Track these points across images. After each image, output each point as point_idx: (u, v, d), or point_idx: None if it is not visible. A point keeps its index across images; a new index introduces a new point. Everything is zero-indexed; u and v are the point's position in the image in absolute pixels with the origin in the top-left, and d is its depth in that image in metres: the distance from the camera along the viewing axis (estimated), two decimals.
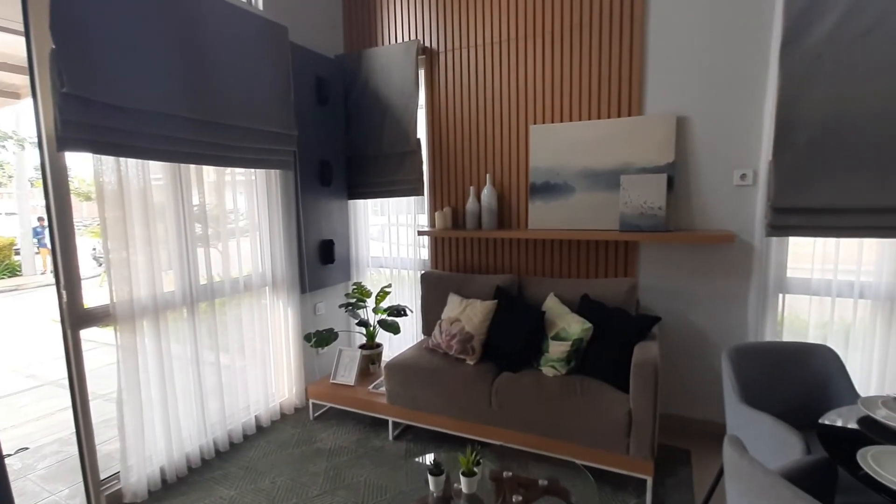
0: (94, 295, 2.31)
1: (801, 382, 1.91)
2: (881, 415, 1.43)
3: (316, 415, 3.03)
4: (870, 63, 2.07)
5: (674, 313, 2.66)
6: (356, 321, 3.16)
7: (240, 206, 2.80)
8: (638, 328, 2.34)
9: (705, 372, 2.63)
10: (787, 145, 2.22)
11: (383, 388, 2.78)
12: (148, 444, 2.26)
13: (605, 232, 2.62)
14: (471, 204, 3.01)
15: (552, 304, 2.60)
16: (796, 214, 2.23)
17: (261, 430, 2.86)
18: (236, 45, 2.49)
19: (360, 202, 3.50)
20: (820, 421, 1.53)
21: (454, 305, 2.78)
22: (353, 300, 3.17)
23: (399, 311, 3.12)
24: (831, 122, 2.15)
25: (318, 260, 3.21)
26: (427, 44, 3.15)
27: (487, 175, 2.99)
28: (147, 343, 2.24)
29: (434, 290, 3.02)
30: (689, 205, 2.57)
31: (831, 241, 2.30)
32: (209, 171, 2.57)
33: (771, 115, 2.27)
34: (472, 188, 3.03)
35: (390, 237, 3.48)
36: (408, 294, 3.44)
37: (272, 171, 2.86)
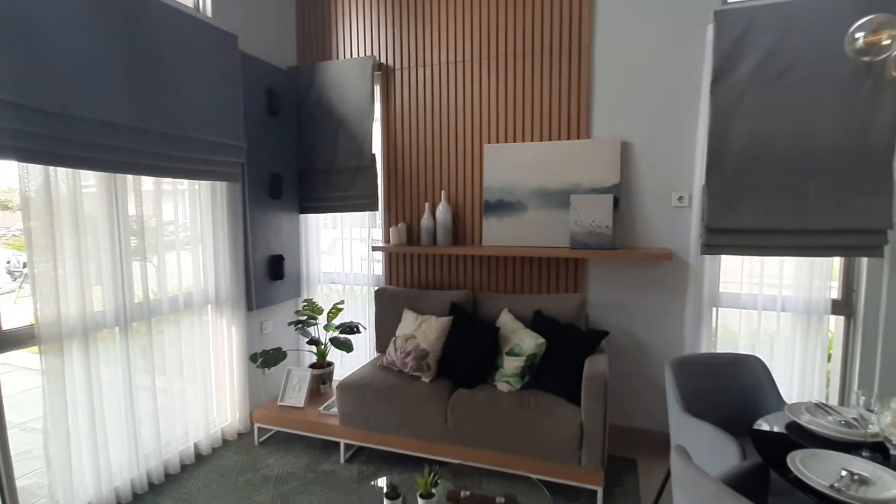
0: (9, 313, 2.08)
1: (734, 391, 2.06)
2: (805, 420, 1.56)
3: (261, 440, 2.87)
4: (782, 103, 2.31)
5: (620, 327, 2.79)
6: (306, 339, 3.05)
7: (181, 218, 2.64)
8: (588, 343, 2.43)
9: (648, 383, 2.76)
10: (717, 171, 2.42)
11: (335, 409, 2.68)
12: (75, 477, 2.04)
13: (556, 249, 2.71)
14: (426, 220, 3.02)
15: (506, 320, 2.65)
16: (726, 235, 2.43)
17: (200, 459, 2.66)
18: (182, 52, 2.37)
19: (312, 216, 3.41)
20: (753, 427, 1.64)
21: (409, 322, 2.76)
22: (304, 318, 3.06)
23: (352, 328, 3.04)
24: (753, 153, 2.37)
25: (267, 276, 3.08)
26: (383, 60, 3.16)
27: (442, 192, 3.02)
28: (75, 366, 2.04)
29: (388, 307, 2.98)
30: (633, 224, 2.72)
31: (757, 259, 2.52)
32: (147, 180, 2.41)
33: (703, 144, 2.47)
34: (427, 204, 3.05)
35: (343, 252, 3.41)
36: (361, 310, 3.37)
37: (218, 182, 2.72)
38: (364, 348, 3.32)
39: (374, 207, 3.15)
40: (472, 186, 3.02)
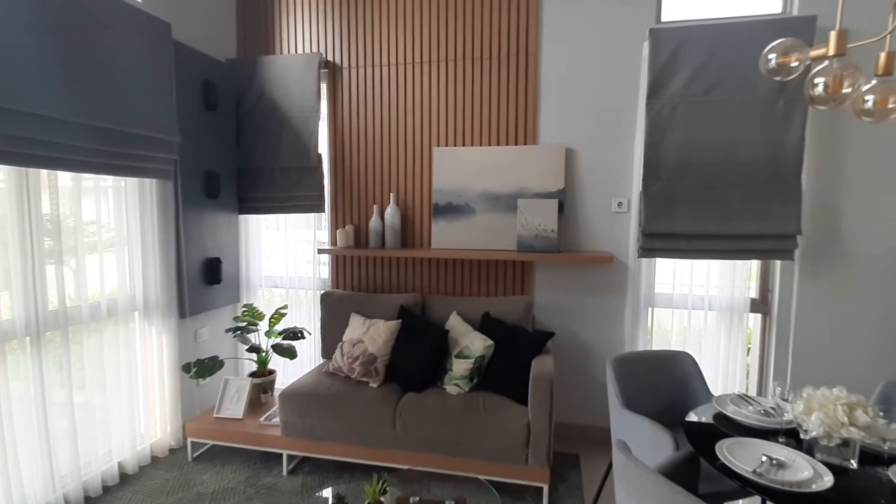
0: None
1: (668, 385, 2.18)
2: (730, 410, 1.68)
3: (196, 455, 2.69)
4: (709, 117, 2.50)
5: (564, 328, 2.88)
6: (246, 347, 2.89)
7: (104, 217, 2.42)
8: (534, 344, 2.48)
9: (590, 380, 2.87)
10: (652, 179, 2.57)
11: (277, 419, 2.57)
12: None
13: (504, 252, 2.76)
14: (374, 222, 2.97)
15: (455, 323, 2.65)
16: (661, 239, 2.58)
17: (125, 479, 2.45)
18: (108, 38, 2.18)
19: (253, 217, 3.25)
20: (685, 419, 1.75)
21: (357, 326, 2.69)
22: (243, 324, 2.90)
23: (296, 333, 2.93)
24: (684, 163, 2.54)
25: (202, 280, 2.89)
26: (330, 58, 3.08)
27: (391, 194, 2.98)
28: None
29: (335, 311, 2.90)
30: (576, 228, 2.83)
31: (687, 261, 2.70)
32: (65, 175, 2.19)
33: (640, 153, 2.61)
34: (375, 206, 3.00)
35: (287, 255, 3.28)
36: (306, 315, 3.25)
37: (148, 179, 2.53)
38: (309, 355, 3.21)
39: (320, 209, 3.06)
40: (421, 189, 3.01)
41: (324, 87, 3.10)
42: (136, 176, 2.40)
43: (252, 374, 2.90)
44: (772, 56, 1.34)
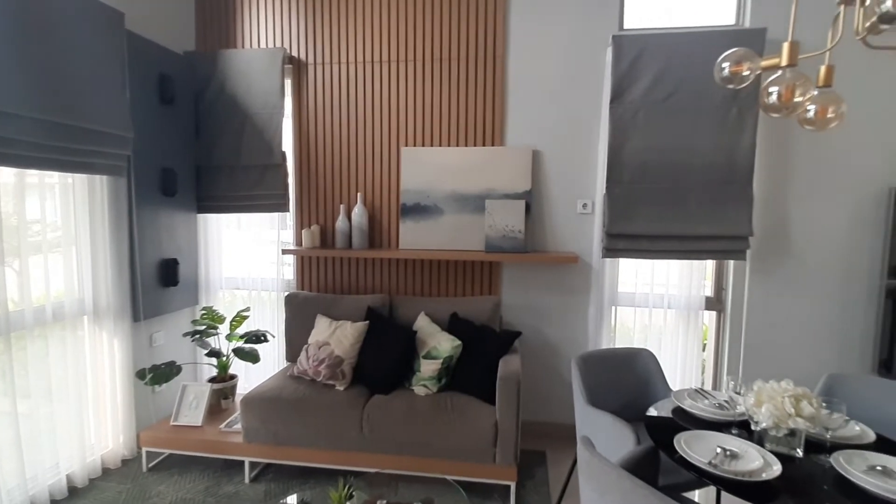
0: None
1: (630, 382, 2.25)
2: (687, 404, 1.75)
3: (151, 465, 2.57)
4: (668, 122, 2.60)
5: (531, 327, 2.92)
6: (205, 351, 2.79)
7: (50, 216, 2.27)
8: (502, 343, 2.50)
9: (556, 378, 2.93)
10: (616, 182, 2.64)
11: (238, 426, 2.48)
12: None
13: (472, 252, 2.77)
14: (341, 222, 2.92)
15: (423, 324, 2.64)
16: (624, 239, 2.65)
17: (75, 492, 2.31)
18: (58, 27, 2.05)
19: (213, 217, 3.13)
20: (646, 414, 1.80)
21: (323, 328, 2.64)
22: (202, 327, 2.80)
23: (258, 337, 2.84)
24: (645, 166, 2.62)
25: (158, 282, 2.76)
26: (294, 53, 3.01)
27: (359, 194, 2.94)
28: None
29: (300, 313, 2.83)
30: (543, 229, 2.87)
31: (648, 261, 2.79)
32: (6, 171, 2.05)
33: (604, 156, 2.68)
34: (342, 206, 2.95)
35: (249, 256, 3.18)
36: (269, 318, 3.16)
37: (98, 176, 2.40)
38: (272, 358, 3.12)
39: (284, 208, 2.98)
40: (388, 189, 2.98)
41: (288, 84, 3.02)
42: (85, 172, 2.27)
43: (212, 380, 2.80)
44: (725, 65, 1.40)
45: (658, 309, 2.81)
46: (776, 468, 1.31)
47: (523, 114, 2.83)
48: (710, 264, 2.83)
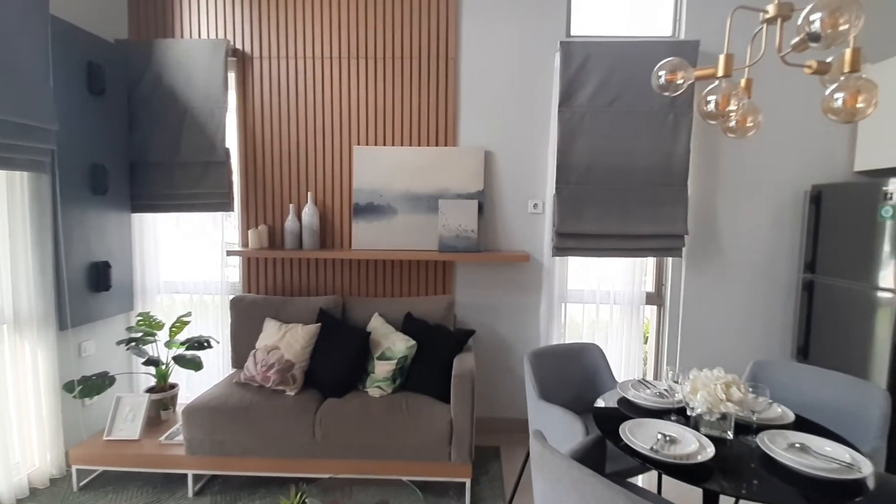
0: None
1: (580, 375, 2.33)
2: (631, 394, 1.84)
3: (83, 483, 2.37)
4: (612, 127, 2.72)
5: (485, 325, 2.97)
6: (142, 360, 2.61)
7: None
8: (456, 342, 2.52)
9: (509, 375, 2.99)
10: (564, 182, 2.74)
11: (180, 437, 2.35)
12: None
13: (425, 252, 2.77)
14: (290, 222, 2.83)
15: (377, 324, 2.62)
16: (572, 238, 2.75)
17: None
18: None
19: (150, 216, 2.94)
20: (594, 405, 1.88)
21: (272, 332, 2.55)
22: (138, 335, 2.62)
23: (201, 343, 2.70)
24: (592, 168, 2.73)
25: (87, 287, 2.56)
26: (239, 46, 2.88)
27: (309, 193, 2.86)
28: None
29: (246, 317, 2.72)
30: (495, 228, 2.92)
31: (595, 259, 2.90)
32: None
33: (553, 158, 2.77)
34: (291, 206, 2.86)
35: (190, 258, 3.01)
36: (213, 323, 3.02)
37: (18, 172, 2.18)
38: (217, 366, 2.98)
39: (228, 208, 2.85)
40: (340, 188, 2.92)
41: (231, 77, 2.89)
42: (2, 168, 2.06)
43: (150, 390, 2.63)
44: (661, 73, 1.49)
45: (605, 305, 2.94)
46: (710, 450, 1.40)
47: (476, 115, 2.87)
48: (650, 261, 3.00)
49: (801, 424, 1.63)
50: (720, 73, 1.40)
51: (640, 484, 2.43)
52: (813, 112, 2.74)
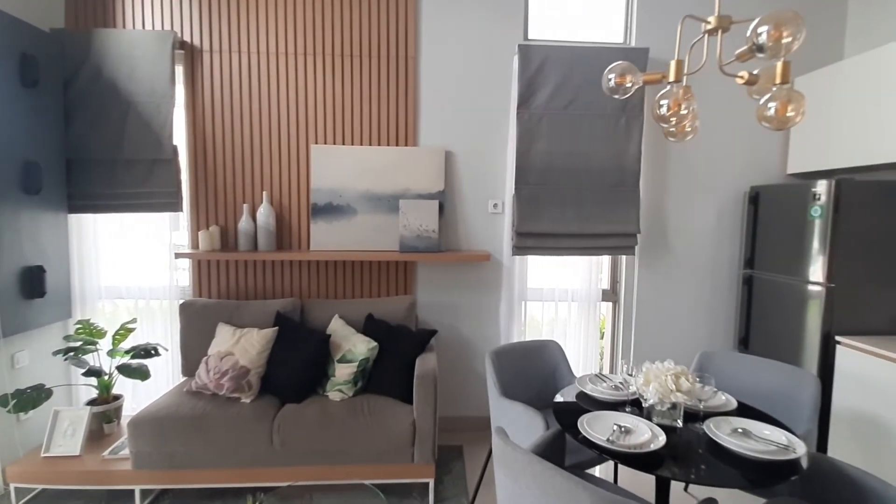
0: None
1: (540, 371, 2.38)
2: (589, 388, 1.90)
3: (22, 502, 2.20)
4: (568, 129, 2.80)
5: (447, 325, 2.97)
6: (82, 371, 2.44)
7: None
8: (418, 342, 2.52)
9: (471, 374, 3.01)
10: (523, 183, 2.79)
11: (126, 451, 2.22)
12: None
13: (386, 253, 2.75)
14: (244, 223, 2.73)
15: (337, 327, 2.57)
16: (531, 238, 2.81)
17: None
18: None
19: (89, 217, 2.76)
20: (554, 400, 1.92)
21: (225, 337, 2.45)
22: (77, 344, 2.45)
23: (148, 351, 2.56)
24: (549, 169, 2.80)
25: (19, 293, 2.37)
26: (187, 38, 2.75)
27: (264, 193, 2.77)
28: None
29: (197, 322, 2.60)
30: (456, 228, 2.94)
31: (554, 258, 2.98)
32: None
33: (512, 159, 2.81)
34: (245, 206, 2.76)
35: (135, 261, 2.84)
36: (161, 329, 2.86)
37: None
38: (166, 374, 2.83)
39: (176, 207, 2.71)
40: (298, 188, 2.85)
41: (179, 71, 2.76)
42: None
43: (92, 402, 2.46)
44: (611, 76, 1.54)
45: (563, 302, 3.02)
46: (661, 439, 1.47)
47: (436, 115, 2.87)
48: (606, 259, 3.10)
49: (743, 410, 1.74)
50: (671, 77, 1.47)
51: (598, 474, 2.51)
52: (752, 118, 2.93)
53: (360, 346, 2.44)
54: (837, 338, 2.34)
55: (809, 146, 2.76)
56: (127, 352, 2.51)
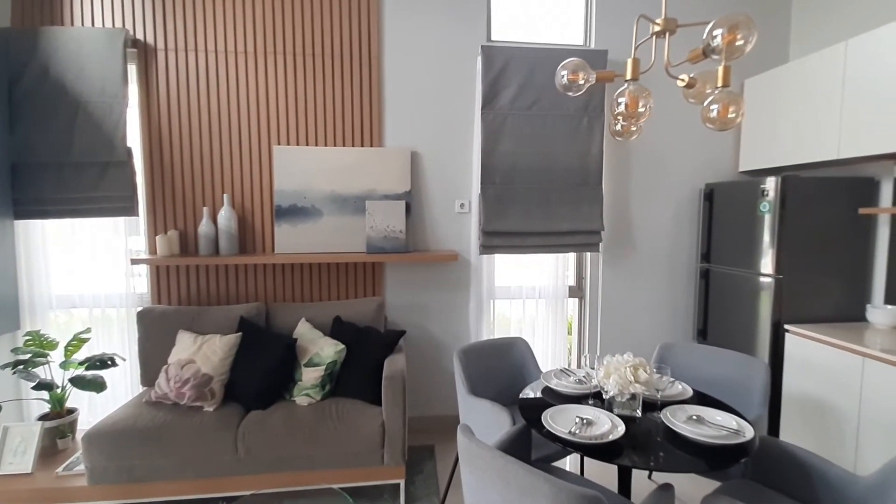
0: None
1: (507, 369, 2.41)
2: (554, 383, 1.94)
3: None
4: (532, 129, 2.85)
5: (415, 325, 2.97)
6: (32, 384, 2.32)
7: None
8: (386, 343, 2.50)
9: (441, 373, 3.02)
10: (489, 183, 2.82)
11: (81, 467, 2.12)
12: None
13: (353, 254, 2.72)
14: (205, 227, 2.65)
15: (304, 330, 2.53)
16: (498, 237, 2.84)
17: None
18: None
19: (38, 223, 2.63)
20: (520, 396, 1.95)
21: (186, 345, 2.37)
22: (26, 356, 2.33)
23: (104, 362, 2.45)
24: (514, 169, 2.84)
25: None
26: (140, 36, 2.66)
27: (225, 195, 2.70)
28: None
29: (156, 330, 2.51)
30: (423, 228, 2.94)
31: (521, 256, 3.02)
32: None
33: (478, 158, 2.84)
34: (206, 209, 2.68)
35: (89, 269, 2.72)
36: (118, 339, 2.75)
37: None
38: (123, 385, 2.72)
39: (132, 212, 2.61)
40: (261, 190, 2.79)
41: (132, 70, 2.66)
42: None
43: (43, 417, 2.35)
44: (563, 73, 1.57)
45: (531, 299, 3.06)
46: (621, 429, 1.51)
47: (401, 115, 2.87)
48: (572, 257, 3.17)
49: (700, 399, 1.81)
50: (628, 76, 1.50)
51: (567, 467, 2.56)
52: None
53: (327, 350, 2.41)
54: (786, 326, 2.47)
55: (758, 145, 2.90)
56: (81, 363, 2.41)
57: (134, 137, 2.66)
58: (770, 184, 2.52)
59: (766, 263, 2.55)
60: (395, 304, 2.95)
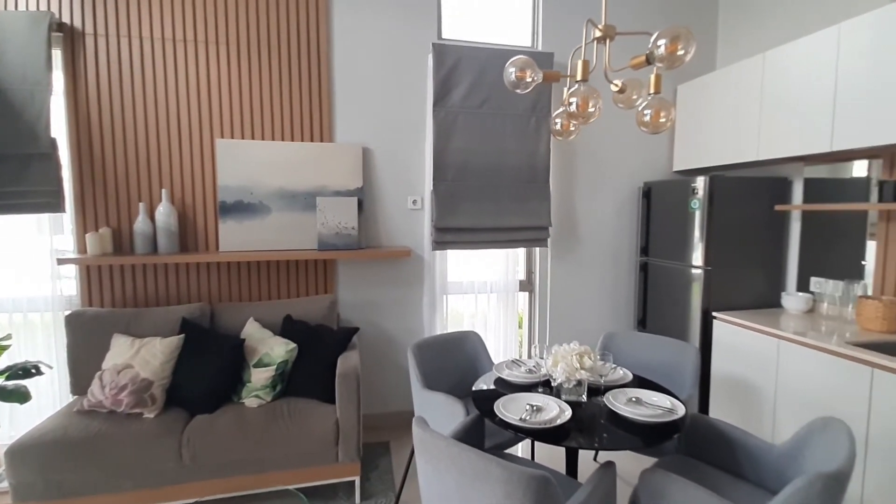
0: None
1: (461, 362, 2.46)
2: (505, 374, 2.00)
3: None
4: (483, 127, 2.91)
5: (369, 322, 2.96)
6: None
7: None
8: (339, 341, 2.48)
9: (395, 369, 3.03)
10: (441, 179, 2.85)
11: (5, 484, 1.95)
12: None
13: (304, 252, 2.67)
14: (141, 224, 2.50)
15: (252, 330, 2.45)
16: (450, 233, 2.88)
17: None
18: None
19: None
20: (473, 388, 2.00)
21: (122, 349, 2.24)
22: None
23: (27, 370, 2.25)
24: (466, 166, 2.89)
25: None
26: (66, 20, 2.46)
27: (163, 190, 2.56)
28: None
29: (89, 335, 2.34)
30: (376, 225, 2.93)
31: (473, 251, 3.08)
32: None
33: (430, 155, 2.86)
34: (142, 205, 2.53)
35: (8, 270, 2.49)
36: (43, 345, 2.54)
37: None
38: (50, 395, 2.53)
39: (57, 208, 2.42)
40: (202, 185, 2.67)
41: (57, 55, 2.46)
42: None
43: None
44: (512, 69, 1.62)
45: (483, 294, 3.13)
46: (567, 413, 1.60)
47: (352, 111, 2.84)
48: (521, 252, 3.27)
49: (639, 382, 1.94)
50: (578, 77, 1.55)
51: (518, 453, 2.65)
52: None
53: (277, 349, 2.35)
54: (714, 314, 2.69)
55: (690, 147, 3.12)
56: (2, 372, 2.20)
57: (60, 128, 2.46)
58: (700, 183, 2.72)
59: (697, 256, 2.76)
60: (348, 301, 2.92)
